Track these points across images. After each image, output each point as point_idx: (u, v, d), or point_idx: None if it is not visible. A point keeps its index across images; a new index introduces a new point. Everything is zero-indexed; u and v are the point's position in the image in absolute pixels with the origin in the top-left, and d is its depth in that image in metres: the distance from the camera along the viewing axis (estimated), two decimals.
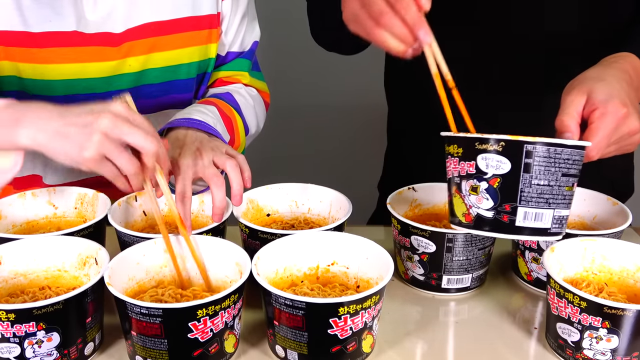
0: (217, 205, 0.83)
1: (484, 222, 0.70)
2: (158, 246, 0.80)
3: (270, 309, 0.72)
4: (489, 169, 0.68)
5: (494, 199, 0.69)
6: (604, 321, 0.70)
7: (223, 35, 1.09)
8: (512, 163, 0.67)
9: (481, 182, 0.69)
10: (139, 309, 0.67)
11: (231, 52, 1.12)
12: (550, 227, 0.70)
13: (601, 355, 0.72)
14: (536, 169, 0.67)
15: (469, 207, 0.71)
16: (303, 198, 0.98)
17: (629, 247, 0.81)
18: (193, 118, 0.92)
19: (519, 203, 0.68)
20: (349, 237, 0.82)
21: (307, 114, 2.33)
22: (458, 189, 0.72)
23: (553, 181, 0.68)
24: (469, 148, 0.69)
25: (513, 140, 0.67)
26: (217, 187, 0.82)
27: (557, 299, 0.74)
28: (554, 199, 0.69)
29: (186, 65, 1.05)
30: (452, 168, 0.73)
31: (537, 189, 0.68)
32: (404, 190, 0.96)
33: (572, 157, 0.69)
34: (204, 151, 0.86)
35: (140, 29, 0.99)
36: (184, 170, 0.83)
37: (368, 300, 0.70)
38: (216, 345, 0.71)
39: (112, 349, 0.77)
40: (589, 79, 0.78)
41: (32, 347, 0.68)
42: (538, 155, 0.67)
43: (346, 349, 0.71)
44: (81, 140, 0.70)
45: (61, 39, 0.94)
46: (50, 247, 0.80)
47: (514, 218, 0.69)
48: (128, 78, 1.01)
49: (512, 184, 0.68)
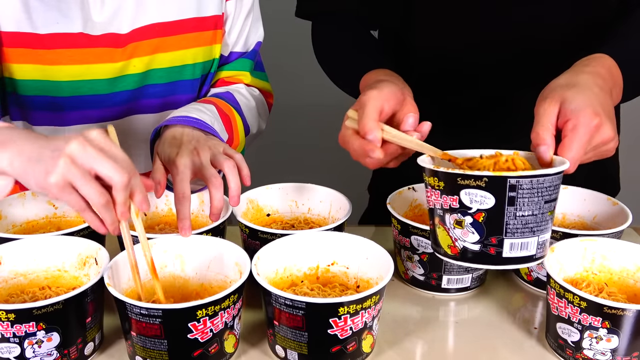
0: (215, 205, 0.82)
1: (471, 254, 0.70)
2: (158, 246, 0.80)
3: (270, 309, 0.72)
4: (473, 204, 0.68)
5: (479, 232, 0.69)
6: (604, 321, 0.70)
7: (226, 35, 1.09)
8: (496, 198, 0.67)
9: (466, 217, 0.69)
10: (139, 310, 0.67)
11: (234, 52, 1.12)
12: (535, 253, 0.71)
13: (601, 355, 0.72)
14: (520, 201, 0.67)
15: (454, 240, 0.71)
16: (303, 198, 0.98)
17: (629, 247, 0.81)
18: (190, 116, 0.92)
19: (505, 235, 0.68)
20: (349, 237, 0.82)
21: (308, 114, 2.33)
22: (442, 221, 0.71)
23: (537, 210, 0.68)
24: (451, 183, 0.69)
25: (496, 176, 0.66)
26: (216, 189, 0.82)
27: (557, 299, 0.74)
28: (538, 227, 0.69)
29: (191, 65, 1.05)
30: (434, 200, 0.72)
31: (522, 220, 0.68)
32: (404, 190, 0.96)
33: (554, 183, 0.69)
34: (201, 151, 0.85)
35: (146, 30, 0.99)
36: (182, 170, 0.83)
37: (368, 300, 0.70)
38: (216, 345, 0.71)
39: (112, 349, 0.77)
40: (561, 87, 0.77)
41: (32, 347, 0.68)
42: (522, 188, 0.67)
43: (346, 349, 0.71)
44: (48, 164, 0.66)
45: (68, 40, 0.94)
46: (50, 247, 0.80)
47: (501, 250, 0.69)
48: (132, 79, 1.01)
49: (497, 218, 0.68)
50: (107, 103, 1.00)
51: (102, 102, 1.00)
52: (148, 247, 0.75)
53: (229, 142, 1.01)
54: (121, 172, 0.67)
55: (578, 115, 0.73)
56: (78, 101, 0.98)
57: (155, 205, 0.95)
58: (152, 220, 0.95)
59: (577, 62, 0.83)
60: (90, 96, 0.98)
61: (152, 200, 0.95)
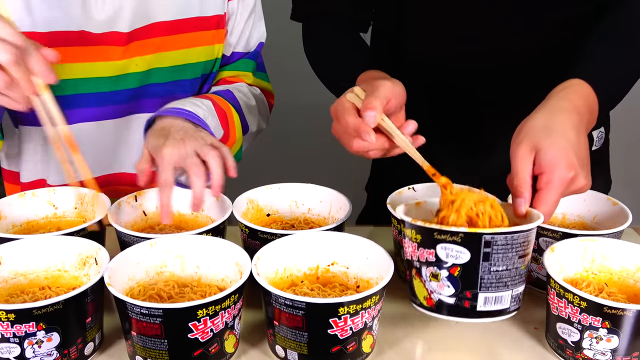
0: (195, 195, 0.83)
1: (446, 307, 0.71)
2: (158, 246, 0.80)
3: (270, 309, 0.72)
4: (449, 259, 0.69)
5: (454, 286, 0.70)
6: (603, 321, 0.70)
7: (228, 35, 1.09)
8: (472, 253, 0.69)
9: (441, 270, 0.70)
10: (139, 309, 0.67)
11: (236, 52, 1.12)
12: (509, 306, 0.72)
13: (601, 355, 0.72)
14: (495, 257, 0.69)
15: (430, 292, 0.72)
16: (303, 198, 0.98)
17: (629, 247, 0.81)
18: (182, 108, 0.92)
19: (479, 290, 0.70)
20: (349, 237, 0.82)
21: (308, 113, 2.32)
22: (418, 273, 0.73)
23: (511, 265, 0.70)
24: (428, 237, 0.70)
25: (471, 232, 0.68)
26: (196, 176, 0.82)
27: (557, 299, 0.74)
28: (512, 281, 0.71)
29: (192, 65, 1.05)
30: (411, 252, 0.73)
31: (497, 274, 0.70)
32: (404, 190, 0.96)
33: (528, 238, 0.71)
34: (187, 141, 0.85)
35: (148, 29, 0.99)
36: (166, 159, 0.84)
37: (368, 300, 0.70)
38: (216, 345, 0.71)
39: (112, 349, 0.77)
40: (536, 131, 0.76)
41: (32, 347, 0.68)
42: (496, 244, 0.68)
43: (346, 349, 0.71)
44: None
45: (68, 38, 0.94)
46: (50, 247, 0.80)
47: (475, 304, 0.70)
48: (134, 77, 1.01)
49: (472, 273, 0.69)
50: (109, 101, 1.00)
51: (103, 101, 1.00)
52: (62, 120, 0.76)
53: (225, 138, 1.01)
54: (4, 51, 0.69)
55: (553, 169, 0.74)
56: (79, 99, 0.98)
57: (155, 206, 0.95)
58: (152, 220, 0.95)
59: (553, 93, 0.82)
60: (91, 94, 0.98)
61: (152, 200, 0.95)
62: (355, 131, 0.76)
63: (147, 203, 0.95)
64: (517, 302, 0.73)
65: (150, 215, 0.95)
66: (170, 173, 0.84)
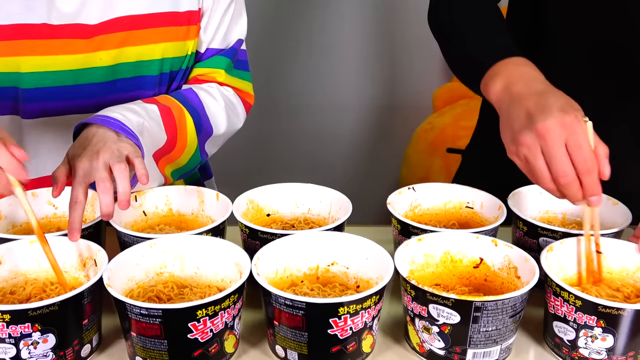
0: (102, 210, 0.80)
1: (437, 357, 0.74)
2: (157, 247, 0.80)
3: (270, 309, 0.72)
4: (440, 318, 0.71)
5: (444, 341, 0.72)
6: (598, 320, 0.70)
7: (202, 31, 1.06)
8: (462, 316, 0.70)
9: (433, 326, 0.72)
10: (139, 310, 0.67)
11: (210, 49, 1.09)
12: (498, 358, 0.74)
13: (596, 354, 0.72)
14: (485, 319, 0.71)
15: (422, 341, 0.75)
16: (303, 198, 0.98)
17: (629, 247, 0.81)
18: (109, 116, 0.88)
19: (469, 346, 0.72)
20: (349, 237, 0.82)
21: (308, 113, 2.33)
22: (412, 322, 0.75)
23: (501, 325, 0.72)
24: (422, 296, 0.72)
25: (461, 300, 0.70)
26: (102, 193, 0.79)
27: (553, 297, 0.74)
28: (502, 338, 0.73)
29: (159, 60, 1.03)
30: (406, 302, 0.75)
31: (486, 334, 0.71)
32: (404, 190, 0.96)
33: (519, 300, 0.72)
34: (101, 153, 0.82)
35: (115, 22, 0.98)
36: (78, 174, 0.81)
37: (368, 300, 0.70)
38: (216, 345, 0.71)
39: (111, 349, 0.77)
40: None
41: (27, 348, 0.68)
42: (486, 309, 0.70)
43: (346, 349, 0.71)
44: None
45: (30, 31, 0.93)
46: None
47: (464, 357, 0.73)
48: (99, 72, 0.99)
49: (462, 332, 0.71)
50: (72, 95, 0.99)
51: (66, 95, 0.99)
52: (32, 214, 0.76)
53: (169, 142, 0.98)
54: None
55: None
56: (41, 93, 0.97)
57: (155, 206, 0.95)
58: (152, 220, 0.95)
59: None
60: (53, 88, 0.97)
61: (152, 200, 0.95)
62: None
63: (147, 203, 0.95)
64: (507, 353, 0.76)
65: (150, 215, 0.95)
66: (81, 190, 0.80)
